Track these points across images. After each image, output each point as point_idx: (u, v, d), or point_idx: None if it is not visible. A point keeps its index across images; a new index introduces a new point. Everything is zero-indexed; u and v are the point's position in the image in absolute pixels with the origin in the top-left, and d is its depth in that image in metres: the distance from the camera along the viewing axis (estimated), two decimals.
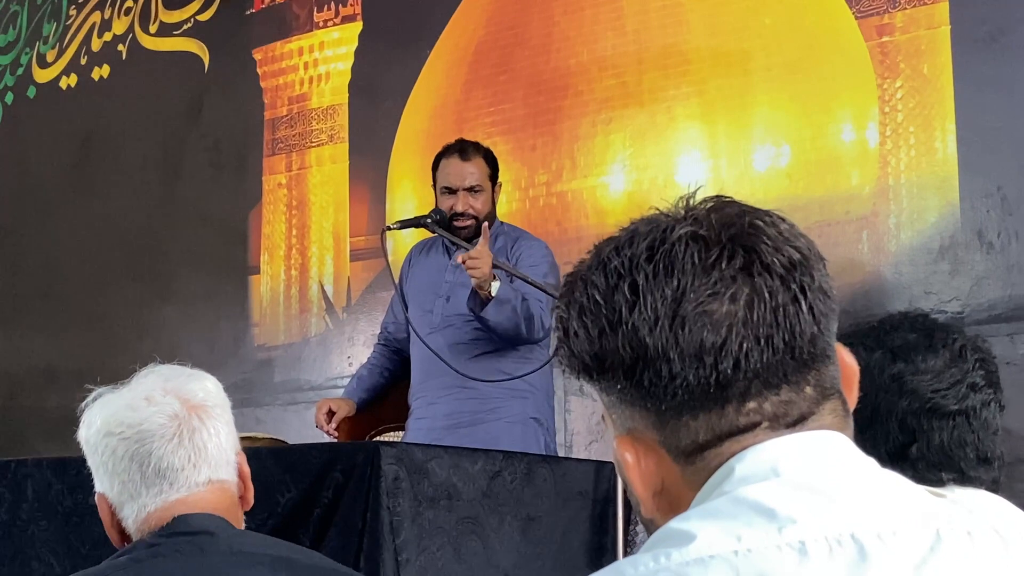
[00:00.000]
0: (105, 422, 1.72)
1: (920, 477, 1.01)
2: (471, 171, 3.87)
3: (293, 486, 2.79)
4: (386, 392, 4.05)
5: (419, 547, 2.76)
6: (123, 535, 1.74)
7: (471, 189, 3.84)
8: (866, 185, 4.43)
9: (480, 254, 3.51)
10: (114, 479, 1.71)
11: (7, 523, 3.16)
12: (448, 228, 3.81)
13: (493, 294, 3.55)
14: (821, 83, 4.56)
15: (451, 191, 3.85)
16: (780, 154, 4.64)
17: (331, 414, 3.85)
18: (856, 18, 4.50)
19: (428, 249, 4.04)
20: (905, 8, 4.41)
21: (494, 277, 3.55)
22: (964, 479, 1.53)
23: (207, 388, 1.76)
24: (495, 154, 4.01)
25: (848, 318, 1.01)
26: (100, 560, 1.69)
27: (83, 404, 1.76)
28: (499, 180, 3.96)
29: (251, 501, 1.79)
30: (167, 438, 1.69)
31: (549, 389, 3.86)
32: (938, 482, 1.48)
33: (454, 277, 3.87)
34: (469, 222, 3.82)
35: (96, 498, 1.76)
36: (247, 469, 1.79)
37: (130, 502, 1.71)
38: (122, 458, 1.69)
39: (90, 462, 1.75)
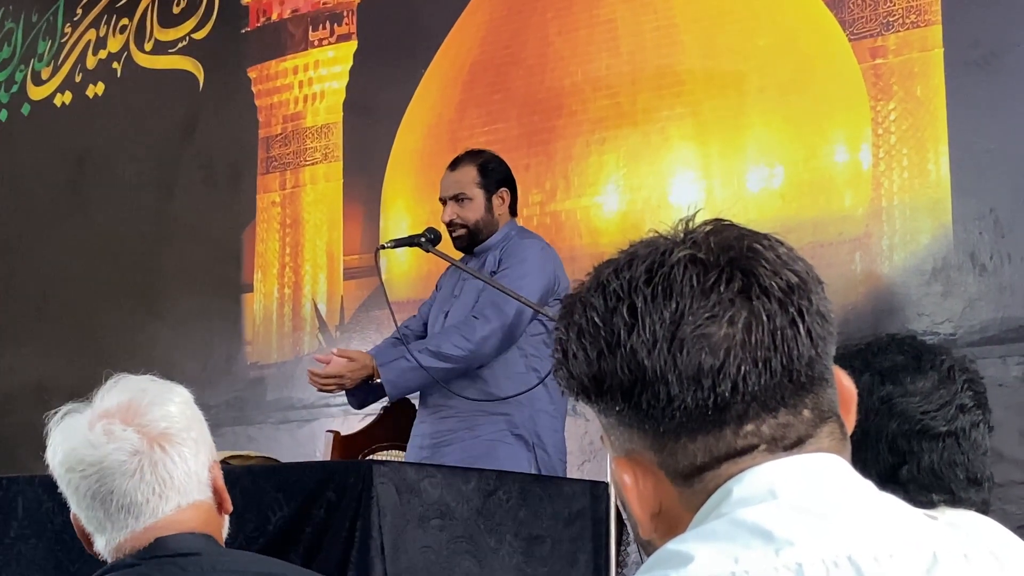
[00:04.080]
0: (66, 456, 1.67)
1: (911, 499, 1.02)
2: (455, 180, 3.87)
3: (286, 504, 2.78)
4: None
5: (411, 566, 2.75)
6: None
7: (456, 198, 3.85)
8: (859, 206, 4.44)
9: (332, 373, 3.67)
10: (80, 510, 1.69)
11: None
12: (442, 242, 3.82)
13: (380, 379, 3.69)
14: (814, 104, 4.58)
15: (443, 202, 3.89)
16: (773, 175, 4.65)
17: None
18: (849, 40, 4.52)
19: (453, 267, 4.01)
20: (898, 31, 4.43)
21: (373, 375, 3.69)
22: (955, 500, 1.53)
23: (170, 414, 1.69)
24: (505, 163, 3.96)
25: (840, 339, 1.01)
26: None
27: (48, 423, 1.70)
28: (505, 187, 3.90)
29: (229, 507, 1.74)
30: (128, 475, 1.64)
31: (543, 406, 3.76)
32: (929, 504, 1.48)
33: (460, 292, 3.87)
34: (460, 231, 3.84)
35: (71, 517, 1.74)
36: (222, 483, 1.73)
37: (98, 534, 1.68)
38: (84, 495, 1.65)
39: (59, 486, 1.72)
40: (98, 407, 1.69)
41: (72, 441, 1.67)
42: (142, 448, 1.64)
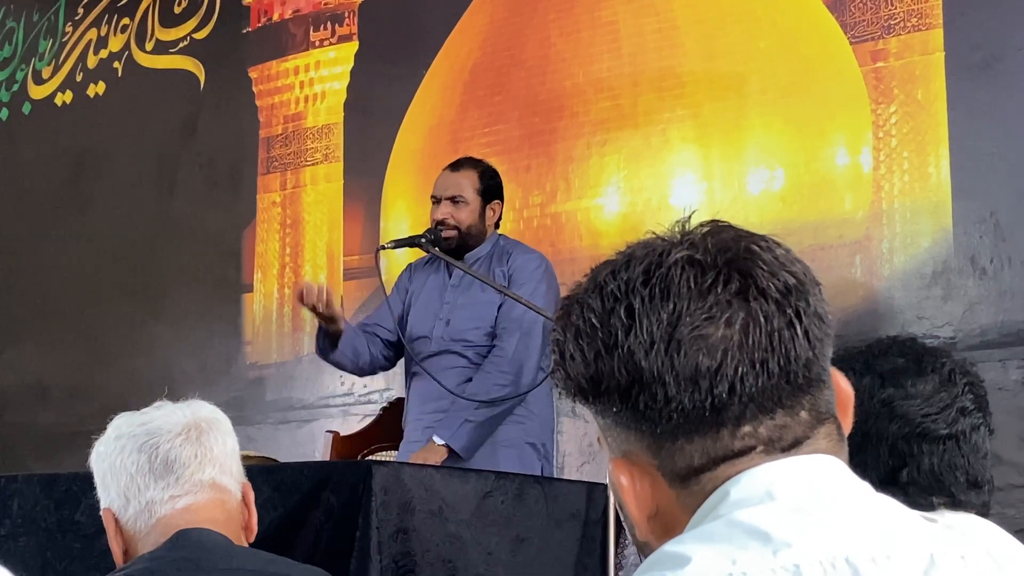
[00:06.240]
0: (116, 428, 1.82)
1: (911, 501, 1.02)
2: (455, 181, 3.83)
3: (283, 504, 2.78)
4: (355, 353, 3.85)
5: (407, 567, 2.75)
6: (125, 552, 1.76)
7: (453, 199, 3.81)
8: (859, 209, 4.44)
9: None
10: (121, 475, 1.76)
11: None
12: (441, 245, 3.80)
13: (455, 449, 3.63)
14: (815, 107, 4.58)
15: (436, 200, 3.84)
16: (774, 177, 4.65)
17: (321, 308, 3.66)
18: (851, 43, 4.52)
19: (430, 266, 3.99)
20: (899, 34, 4.43)
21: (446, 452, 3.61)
22: (955, 503, 1.53)
23: (217, 412, 1.87)
24: (500, 177, 3.96)
25: (840, 342, 1.01)
26: None
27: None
28: (498, 199, 3.90)
29: (255, 529, 1.84)
30: (175, 433, 1.78)
31: (547, 415, 3.81)
32: (929, 506, 1.48)
33: (454, 298, 3.84)
34: (451, 233, 3.78)
35: (102, 513, 1.80)
36: (252, 496, 1.84)
37: (136, 498, 1.75)
38: (131, 452, 1.77)
39: (97, 475, 1.80)
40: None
41: (124, 419, 1.83)
42: (190, 423, 1.80)
